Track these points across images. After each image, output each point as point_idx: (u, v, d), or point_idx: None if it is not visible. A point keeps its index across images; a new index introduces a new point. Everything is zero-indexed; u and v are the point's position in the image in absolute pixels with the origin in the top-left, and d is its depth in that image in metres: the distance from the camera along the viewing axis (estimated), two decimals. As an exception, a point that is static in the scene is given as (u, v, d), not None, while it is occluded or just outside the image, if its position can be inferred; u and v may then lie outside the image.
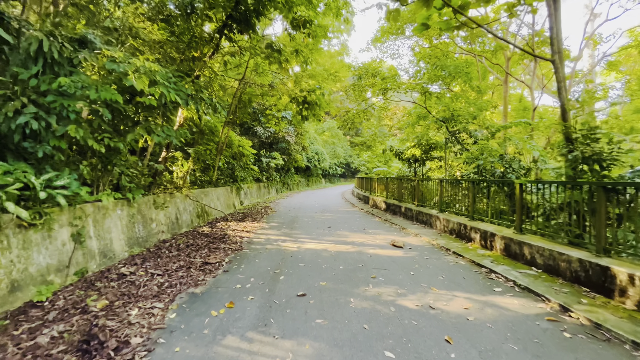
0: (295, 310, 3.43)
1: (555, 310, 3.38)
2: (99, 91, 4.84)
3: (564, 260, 4.14)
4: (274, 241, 6.99)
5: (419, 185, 10.09)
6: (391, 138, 20.74)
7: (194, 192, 10.07)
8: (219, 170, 15.38)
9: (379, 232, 8.03)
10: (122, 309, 3.41)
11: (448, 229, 7.41)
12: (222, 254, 5.85)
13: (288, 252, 6.04)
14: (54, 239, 4.34)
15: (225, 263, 5.31)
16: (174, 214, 8.53)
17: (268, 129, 21.44)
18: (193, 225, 9.34)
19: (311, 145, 33.54)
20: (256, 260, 5.46)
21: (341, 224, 9.33)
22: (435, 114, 13.80)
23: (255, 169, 17.48)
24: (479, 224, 6.42)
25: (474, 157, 10.66)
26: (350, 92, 14.27)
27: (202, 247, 6.39)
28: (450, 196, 8.56)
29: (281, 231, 8.22)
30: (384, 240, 7.02)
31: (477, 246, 6.12)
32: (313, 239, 7.17)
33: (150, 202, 7.39)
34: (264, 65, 12.80)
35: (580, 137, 4.96)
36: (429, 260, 5.39)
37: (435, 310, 3.42)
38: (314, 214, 11.84)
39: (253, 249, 6.28)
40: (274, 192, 23.57)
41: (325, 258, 5.58)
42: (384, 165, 25.53)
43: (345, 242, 6.89)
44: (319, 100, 11.71)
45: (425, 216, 8.78)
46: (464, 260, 5.38)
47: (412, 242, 6.89)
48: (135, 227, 6.48)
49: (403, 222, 9.38)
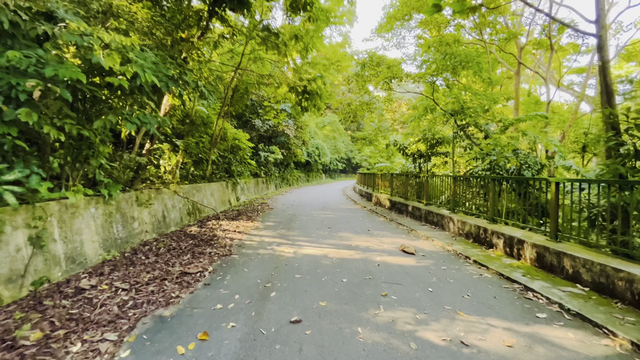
0: (286, 347, 2.64)
1: (628, 350, 2.58)
2: (58, 69, 4.00)
3: (623, 279, 3.34)
4: (267, 244, 6.19)
5: (427, 182, 9.27)
6: (394, 133, 19.88)
7: (183, 187, 9.27)
8: (214, 165, 14.56)
9: (385, 235, 7.24)
10: (62, 342, 2.62)
11: (463, 231, 6.61)
12: (207, 261, 5.05)
13: (283, 258, 5.24)
14: (5, 243, 3.55)
15: (208, 273, 4.51)
16: (160, 212, 7.75)
17: (267, 122, 20.56)
18: (182, 224, 8.57)
19: (311, 139, 32.66)
20: (245, 270, 4.67)
21: (343, 224, 8.53)
22: (443, 106, 12.94)
23: (252, 163, 16.65)
24: (502, 228, 5.61)
25: (486, 152, 9.85)
26: (353, 83, 13.39)
27: (185, 251, 5.59)
28: (463, 195, 7.74)
29: (277, 232, 7.42)
30: (392, 245, 6.22)
31: (500, 254, 5.32)
32: (312, 243, 6.37)
33: (133, 199, 6.61)
34: (260, 52, 11.91)
35: (635, 127, 4.13)
36: (447, 272, 4.59)
37: (470, 348, 2.62)
38: (314, 212, 11.04)
39: (243, 255, 5.49)
40: (272, 188, 22.78)
41: (325, 267, 4.78)
42: (386, 161, 24.70)
43: (348, 246, 6.09)
44: (320, 89, 10.84)
45: (435, 216, 7.97)
46: (489, 272, 4.58)
47: (424, 247, 6.09)
48: (113, 227, 5.71)
49: (411, 223, 8.57)
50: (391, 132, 18.94)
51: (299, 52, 11.57)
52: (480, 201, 7.34)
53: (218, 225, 8.17)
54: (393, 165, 22.43)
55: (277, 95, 17.58)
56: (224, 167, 15.27)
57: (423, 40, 17.17)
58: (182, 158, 9.78)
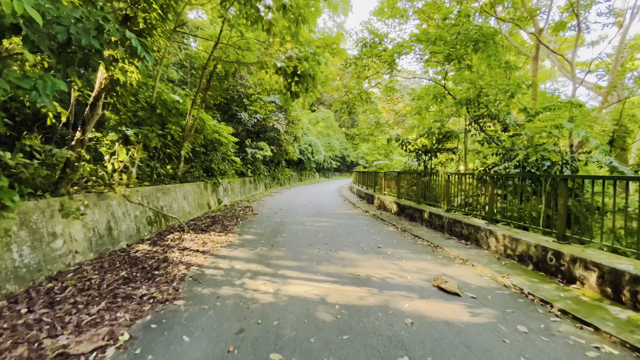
0: None
1: None
2: None
3: None
4: (237, 276, 4.20)
5: (449, 182, 7.37)
6: (394, 127, 18.03)
7: (140, 190, 7.24)
8: (190, 162, 12.48)
9: (402, 255, 5.31)
10: None
11: (514, 252, 4.73)
12: (128, 317, 3.05)
13: (256, 307, 3.27)
14: None
15: (113, 350, 2.51)
16: (103, 224, 5.76)
17: (254, 116, 18.46)
18: (140, 237, 6.63)
19: (304, 135, 30.65)
20: (184, 340, 2.68)
21: (344, 237, 6.59)
22: (455, 94, 11.12)
23: (237, 160, 14.59)
24: (587, 253, 3.74)
25: (519, 145, 8.05)
26: (352, 67, 11.47)
27: (104, 293, 3.57)
28: (500, 199, 5.87)
29: (255, 252, 5.43)
30: (419, 274, 4.30)
31: (594, 295, 3.44)
32: (302, 272, 4.41)
33: (54, 209, 4.64)
34: (241, 26, 9.87)
35: None
36: (533, 341, 2.68)
37: None
38: (306, 219, 9.07)
39: (194, 298, 3.49)
40: (262, 188, 20.73)
41: (324, 328, 2.84)
42: (385, 159, 22.88)
43: (356, 278, 4.15)
44: (313, 70, 8.86)
45: (464, 227, 6.08)
46: (603, 338, 2.68)
47: (467, 278, 4.17)
48: (12, 250, 3.72)
49: (430, 235, 6.68)
50: (391, 126, 17.07)
51: (287, 27, 9.59)
52: (530, 208, 5.46)
53: (179, 241, 6.15)
54: (393, 163, 20.61)
55: (264, 82, 15.53)
56: (204, 165, 13.21)
57: (427, 24, 15.31)
58: (139, 153, 7.70)
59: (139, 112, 8.43)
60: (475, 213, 6.41)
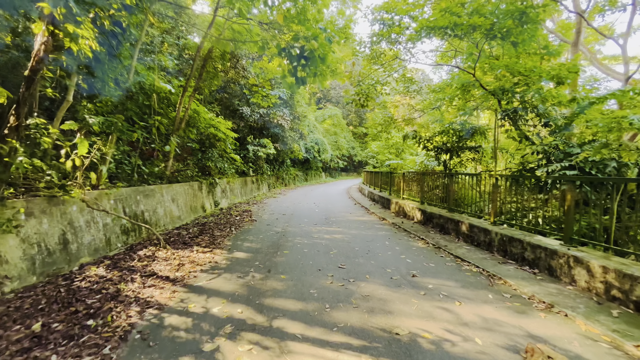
0: None
1: None
2: None
3: None
4: (210, 333, 2.70)
5: (497, 187, 5.76)
6: (408, 125, 16.40)
7: (112, 193, 5.85)
8: (186, 160, 11.08)
9: (451, 291, 3.76)
10: None
11: (629, 296, 3.15)
12: None
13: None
14: None
15: None
16: (55, 236, 4.41)
17: (256, 110, 16.99)
18: (109, 250, 5.27)
19: (311, 133, 29.15)
20: None
21: (363, 258, 5.05)
22: (484, 84, 9.51)
23: (236, 158, 13.14)
24: None
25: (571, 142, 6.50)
26: (367, 48, 9.94)
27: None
28: (587, 212, 4.28)
29: (244, 282, 3.93)
30: (491, 333, 2.76)
31: None
32: (310, 326, 2.89)
33: None
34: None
35: None
36: None
37: None
38: (313, 227, 7.55)
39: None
40: (265, 189, 19.29)
41: None
42: (397, 158, 21.25)
43: (392, 340, 2.61)
44: (324, 50, 7.37)
45: (528, 249, 4.50)
46: None
47: (571, 344, 2.61)
48: None
49: (477, 257, 5.10)
50: (406, 123, 15.44)
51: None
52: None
53: (147, 261, 4.68)
54: (406, 163, 18.98)
55: (266, 70, 14.04)
56: (200, 164, 11.80)
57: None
58: (110, 147, 6.26)
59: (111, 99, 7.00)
60: (542, 229, 4.80)
